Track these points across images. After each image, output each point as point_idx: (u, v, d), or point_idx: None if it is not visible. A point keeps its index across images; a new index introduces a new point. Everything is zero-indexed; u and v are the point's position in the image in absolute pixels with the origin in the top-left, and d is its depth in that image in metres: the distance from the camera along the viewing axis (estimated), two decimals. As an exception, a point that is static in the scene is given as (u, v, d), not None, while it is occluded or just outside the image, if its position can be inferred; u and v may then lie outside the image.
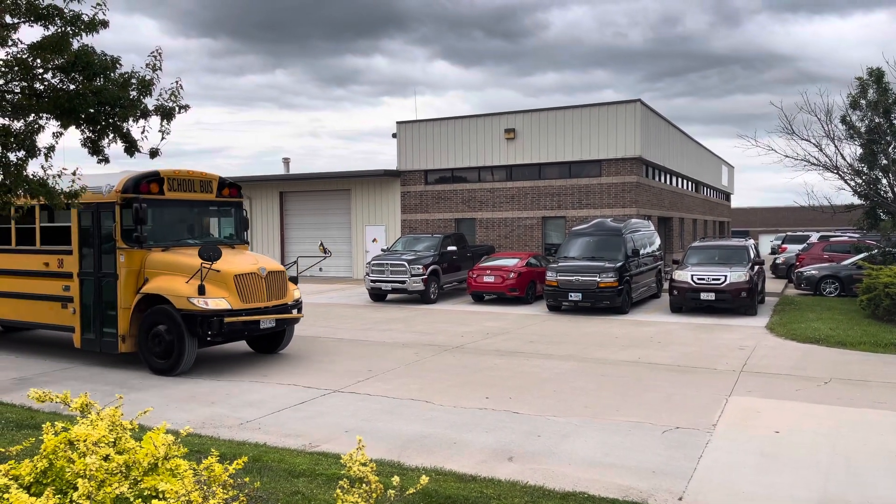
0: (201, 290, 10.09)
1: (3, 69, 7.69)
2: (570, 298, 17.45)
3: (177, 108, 8.44)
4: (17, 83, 7.90)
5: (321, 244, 13.63)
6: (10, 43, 7.56)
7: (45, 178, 8.28)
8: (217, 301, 10.18)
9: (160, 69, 8.28)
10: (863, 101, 19.05)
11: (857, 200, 20.18)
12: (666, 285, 20.32)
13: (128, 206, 10.69)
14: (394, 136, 30.07)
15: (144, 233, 10.71)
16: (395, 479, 3.46)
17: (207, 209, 12.31)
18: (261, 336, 11.51)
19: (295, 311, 11.42)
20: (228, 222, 12.63)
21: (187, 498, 3.07)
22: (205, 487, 3.23)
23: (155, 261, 10.77)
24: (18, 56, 7.59)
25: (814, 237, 30.50)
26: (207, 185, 12.02)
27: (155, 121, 8.36)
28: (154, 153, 8.61)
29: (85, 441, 3.32)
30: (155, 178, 11.09)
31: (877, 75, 18.67)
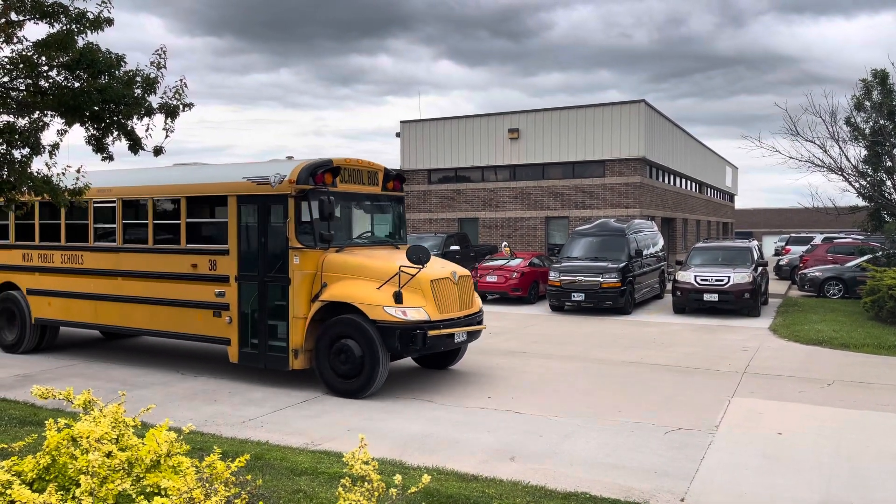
0: (398, 298, 8.62)
1: (8, 66, 7.71)
2: (572, 299, 17.44)
3: (181, 106, 8.45)
4: (22, 80, 7.92)
5: (507, 246, 12.11)
6: (15, 40, 7.58)
7: (49, 175, 8.30)
8: (416, 311, 8.72)
9: (164, 67, 8.29)
10: (867, 103, 19.01)
11: (861, 202, 20.14)
12: (669, 286, 20.30)
13: (303, 198, 9.16)
14: (397, 135, 30.08)
15: (331, 231, 9.27)
16: (398, 478, 3.46)
17: (373, 204, 10.80)
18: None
19: (481, 323, 9.96)
20: (387, 219, 11.04)
21: (189, 495, 3.07)
22: (207, 485, 3.24)
23: (335, 263, 9.19)
24: (24, 53, 7.61)
25: (818, 239, 30.45)
26: (374, 177, 10.50)
27: (159, 119, 8.37)
28: (158, 151, 8.63)
29: (88, 438, 3.33)
30: (330, 167, 9.51)
31: (881, 77, 18.62)
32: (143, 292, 10.58)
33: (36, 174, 8.21)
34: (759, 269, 17.78)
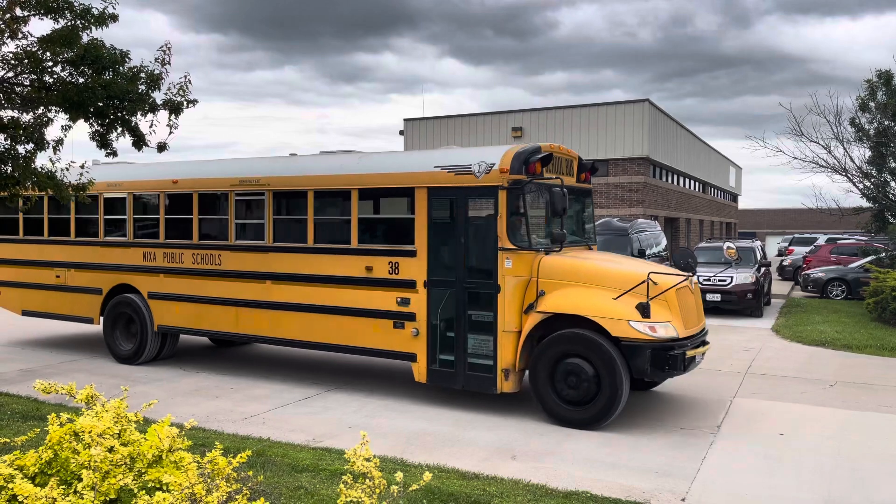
0: (645, 311, 7.21)
1: (13, 62, 7.73)
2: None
3: (185, 103, 8.48)
4: (26, 76, 7.94)
5: (731, 247, 9.81)
6: (20, 36, 7.60)
7: (53, 170, 8.32)
8: (664, 327, 7.29)
9: (169, 63, 8.31)
10: (872, 104, 18.94)
11: (865, 203, 20.08)
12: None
13: (517, 191, 7.85)
14: (401, 133, 30.08)
15: (563, 230, 8.09)
16: (399, 475, 3.46)
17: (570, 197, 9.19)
18: None
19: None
20: (580, 215, 9.51)
21: (191, 490, 3.08)
22: (208, 480, 3.25)
23: (556, 267, 7.79)
24: (28, 49, 7.63)
25: (821, 239, 30.38)
26: (571, 166, 9.05)
27: (163, 115, 8.39)
28: (162, 147, 8.66)
29: (90, 432, 3.33)
30: (541, 154, 8.08)
31: (886, 77, 18.56)
32: (299, 298, 9.16)
33: (40, 169, 8.24)
34: (762, 269, 17.75)
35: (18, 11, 7.49)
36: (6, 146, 8.06)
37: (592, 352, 7.34)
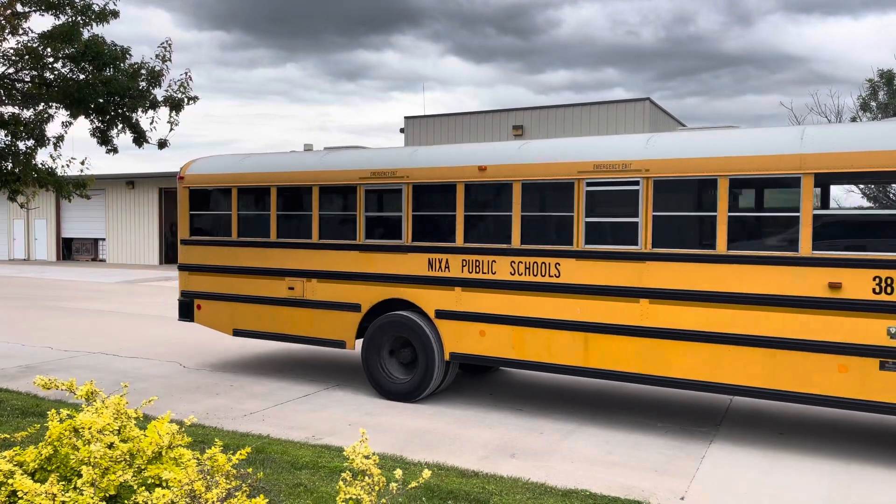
0: None
1: (13, 58, 7.73)
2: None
3: (186, 100, 8.49)
4: (27, 72, 7.95)
5: None
6: (21, 32, 7.60)
7: (53, 167, 8.33)
8: None
9: (170, 60, 8.31)
10: (873, 103, 18.97)
11: (865, 202, 20.08)
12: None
13: None
14: (401, 131, 30.08)
15: None
16: (398, 473, 3.46)
17: None
18: None
19: None
20: None
21: (190, 487, 3.08)
22: (208, 477, 3.25)
23: None
24: (29, 45, 7.63)
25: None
26: None
27: (164, 112, 8.40)
28: (163, 144, 8.67)
29: (90, 429, 3.34)
30: None
31: (887, 77, 18.58)
32: (701, 324, 6.85)
33: (41, 166, 8.24)
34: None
35: (19, 7, 7.49)
36: (7, 142, 8.06)
37: None
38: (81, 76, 7.81)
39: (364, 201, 8.60)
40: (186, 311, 10.07)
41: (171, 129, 8.58)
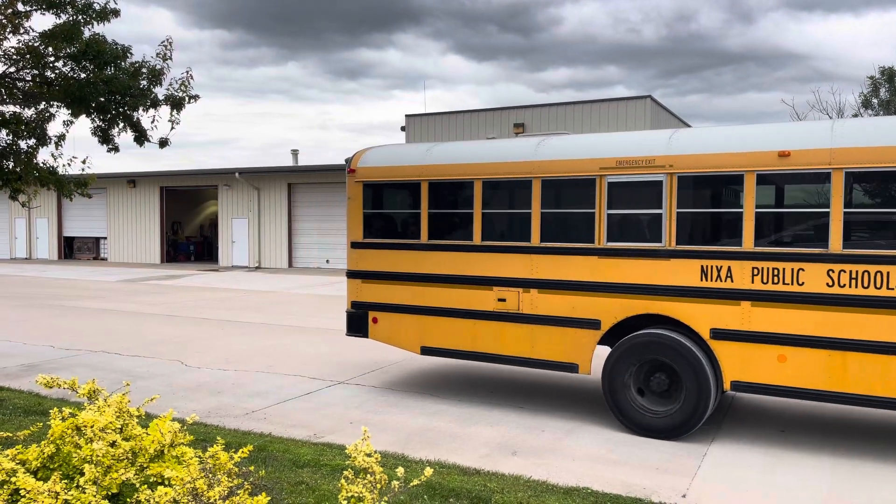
0: None
1: (14, 57, 7.73)
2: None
3: (187, 98, 8.49)
4: (28, 71, 7.95)
5: None
6: (21, 31, 7.61)
7: (54, 166, 8.34)
8: None
9: (170, 59, 8.32)
10: (875, 100, 18.95)
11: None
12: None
13: None
14: (402, 129, 30.08)
15: None
16: (400, 471, 3.47)
17: None
18: None
19: None
20: None
21: (192, 485, 3.09)
22: (210, 475, 3.25)
23: None
24: (30, 44, 7.64)
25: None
26: None
27: (165, 110, 8.41)
28: (164, 143, 8.67)
29: (92, 427, 3.34)
30: None
31: (889, 74, 18.56)
32: None
33: (42, 165, 8.25)
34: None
35: (20, 6, 7.49)
36: (8, 142, 8.07)
37: None
38: (82, 75, 7.82)
39: (606, 196, 7.13)
40: (358, 324, 8.73)
41: (172, 128, 8.58)
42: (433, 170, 8.14)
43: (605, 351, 7.45)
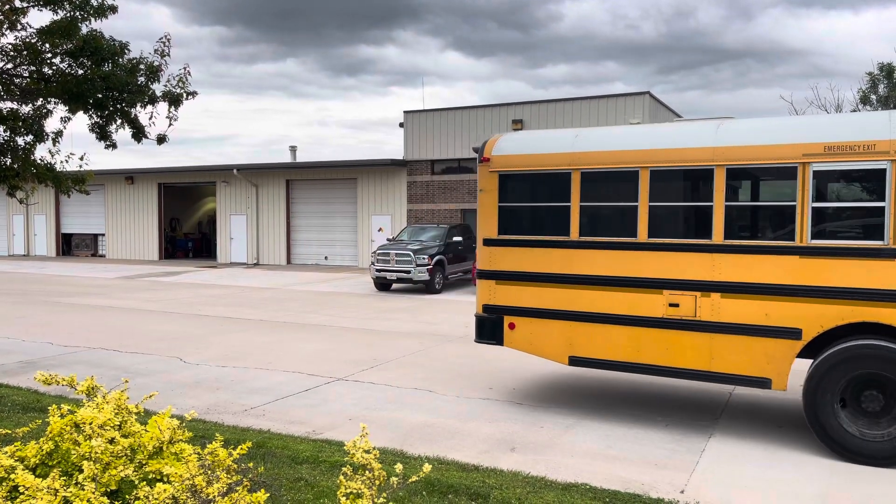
0: None
1: (12, 53, 7.71)
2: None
3: (184, 95, 8.47)
4: (25, 67, 7.93)
5: None
6: (19, 27, 7.59)
7: (52, 162, 8.32)
8: None
9: (168, 55, 8.30)
10: (873, 97, 18.96)
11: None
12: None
13: None
14: (401, 125, 30.04)
15: None
16: (399, 467, 3.47)
17: None
18: None
19: None
20: None
21: (191, 482, 3.09)
22: (209, 472, 3.25)
23: None
24: (27, 40, 7.62)
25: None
26: None
27: (163, 107, 8.39)
28: (161, 139, 8.66)
29: (90, 424, 3.34)
30: None
31: (887, 70, 18.56)
32: None
33: (39, 161, 8.24)
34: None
35: (17, 2, 7.47)
36: (5, 138, 8.05)
37: None
38: (80, 71, 7.80)
39: (811, 187, 6.28)
40: (491, 330, 7.90)
41: (170, 125, 8.56)
42: (586, 157, 7.26)
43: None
